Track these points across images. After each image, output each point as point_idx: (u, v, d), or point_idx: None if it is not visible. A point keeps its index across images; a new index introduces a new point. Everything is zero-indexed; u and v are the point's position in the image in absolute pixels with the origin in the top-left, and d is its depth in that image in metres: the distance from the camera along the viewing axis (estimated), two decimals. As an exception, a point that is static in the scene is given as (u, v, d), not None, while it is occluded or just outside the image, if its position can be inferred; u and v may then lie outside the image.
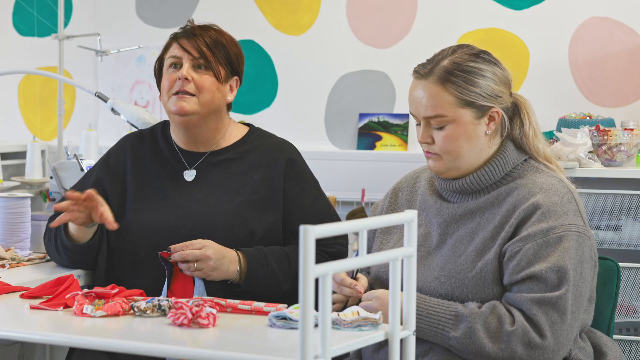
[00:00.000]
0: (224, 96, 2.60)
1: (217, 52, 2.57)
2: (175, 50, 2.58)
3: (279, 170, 2.60)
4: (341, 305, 2.28)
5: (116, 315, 2.12)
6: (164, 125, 2.72)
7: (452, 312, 2.12)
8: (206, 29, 2.61)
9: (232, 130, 2.67)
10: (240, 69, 2.65)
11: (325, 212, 2.64)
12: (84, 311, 2.12)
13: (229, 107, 2.67)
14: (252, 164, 2.62)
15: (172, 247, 2.43)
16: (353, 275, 2.29)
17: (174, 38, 2.61)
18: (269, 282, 2.49)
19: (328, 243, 2.60)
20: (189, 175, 2.62)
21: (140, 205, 2.59)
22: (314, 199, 2.64)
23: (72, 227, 2.56)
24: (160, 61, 2.64)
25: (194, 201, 2.57)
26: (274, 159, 2.62)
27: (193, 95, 2.55)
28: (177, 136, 2.66)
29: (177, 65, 2.57)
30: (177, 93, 2.55)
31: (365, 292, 2.24)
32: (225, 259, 2.45)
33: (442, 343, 2.14)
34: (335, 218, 2.67)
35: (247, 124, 2.74)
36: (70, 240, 2.57)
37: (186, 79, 2.54)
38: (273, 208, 2.58)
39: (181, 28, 2.62)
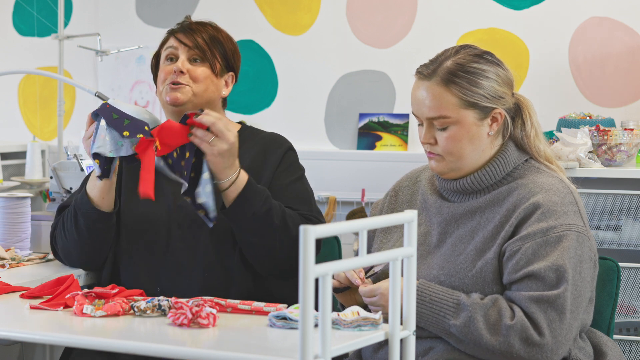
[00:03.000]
0: (219, 90, 2.62)
1: (213, 46, 2.59)
2: (171, 43, 2.61)
3: (273, 163, 2.59)
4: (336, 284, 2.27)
5: (116, 315, 2.12)
6: None
7: (454, 300, 2.13)
8: (203, 25, 2.63)
9: None
10: (237, 65, 2.66)
11: (302, 194, 2.57)
12: (84, 311, 2.12)
13: (224, 103, 2.68)
14: (242, 156, 2.58)
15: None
16: (370, 272, 2.29)
17: (171, 33, 2.63)
18: (261, 206, 2.41)
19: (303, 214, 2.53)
20: None
21: (131, 199, 2.59)
22: (294, 178, 2.59)
23: (97, 194, 2.51)
24: (157, 56, 2.66)
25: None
26: (268, 151, 2.61)
27: (186, 85, 2.56)
28: None
29: (173, 58, 2.60)
30: (171, 84, 2.57)
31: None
32: (232, 158, 2.37)
33: (442, 331, 2.14)
34: (313, 201, 2.60)
35: (240, 122, 2.74)
36: (96, 209, 2.52)
37: (181, 71, 2.55)
38: None
39: (178, 24, 2.64)
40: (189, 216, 2.53)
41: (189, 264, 2.51)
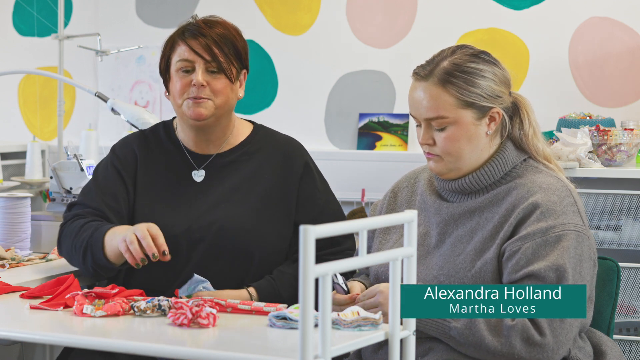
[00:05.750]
0: (236, 94, 2.56)
1: (227, 50, 2.51)
2: (185, 53, 2.50)
3: (295, 174, 2.57)
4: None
5: (116, 315, 2.12)
6: (165, 125, 2.66)
7: None
8: (212, 25, 2.54)
9: (239, 127, 2.64)
10: (247, 60, 2.59)
11: (338, 212, 2.62)
12: (84, 311, 2.12)
13: None
14: (261, 164, 2.58)
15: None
16: (345, 288, 2.28)
17: (181, 38, 2.53)
18: (273, 299, 2.44)
19: (345, 249, 2.56)
20: (198, 175, 2.57)
21: (151, 209, 2.53)
22: (327, 198, 2.61)
23: (111, 252, 2.42)
24: (167, 59, 2.56)
25: (206, 204, 2.53)
26: (288, 161, 2.59)
27: (208, 99, 2.50)
28: (186, 136, 2.60)
29: (189, 69, 2.51)
30: (192, 98, 2.49)
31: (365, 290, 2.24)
32: (236, 298, 2.37)
33: (443, 335, 2.13)
34: (345, 219, 2.66)
35: (249, 121, 2.70)
36: (107, 261, 2.43)
37: (202, 85, 2.48)
38: (285, 211, 2.54)
39: (186, 26, 2.55)
40: (212, 230, 2.49)
41: (209, 279, 2.43)
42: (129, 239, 2.33)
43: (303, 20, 4.11)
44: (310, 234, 1.60)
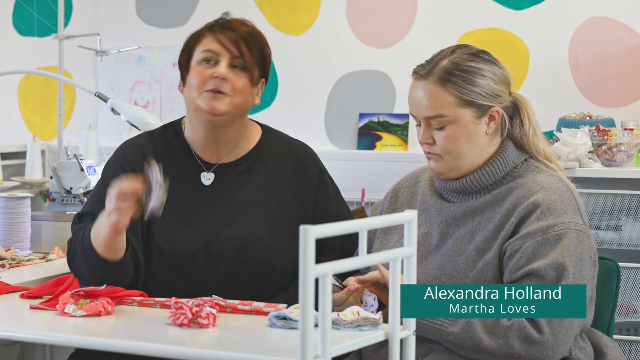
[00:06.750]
0: (253, 99, 2.48)
1: (254, 52, 2.44)
2: (212, 43, 2.42)
3: (310, 184, 2.53)
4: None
5: (97, 315, 2.10)
6: (173, 126, 2.56)
7: None
8: (242, 23, 2.48)
9: (250, 131, 2.56)
10: (268, 70, 2.53)
11: (349, 218, 2.57)
12: (66, 310, 2.10)
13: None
14: (274, 172, 2.52)
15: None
16: (340, 286, 2.28)
17: (210, 30, 2.45)
18: None
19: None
20: (207, 178, 2.49)
21: (167, 223, 2.43)
22: (338, 206, 2.58)
23: (102, 247, 2.32)
24: (189, 52, 2.47)
25: (224, 218, 2.45)
26: (302, 169, 2.54)
27: (228, 95, 2.41)
28: (196, 136, 2.50)
29: (211, 60, 2.42)
30: (211, 91, 2.40)
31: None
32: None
33: (441, 339, 2.14)
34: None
35: (257, 122, 2.63)
36: (105, 260, 2.32)
37: (224, 78, 2.39)
38: (302, 222, 2.43)
39: (215, 19, 2.48)
40: (231, 246, 2.42)
41: (228, 295, 2.33)
42: (107, 211, 2.23)
43: (303, 20, 4.11)
44: (310, 234, 1.60)
